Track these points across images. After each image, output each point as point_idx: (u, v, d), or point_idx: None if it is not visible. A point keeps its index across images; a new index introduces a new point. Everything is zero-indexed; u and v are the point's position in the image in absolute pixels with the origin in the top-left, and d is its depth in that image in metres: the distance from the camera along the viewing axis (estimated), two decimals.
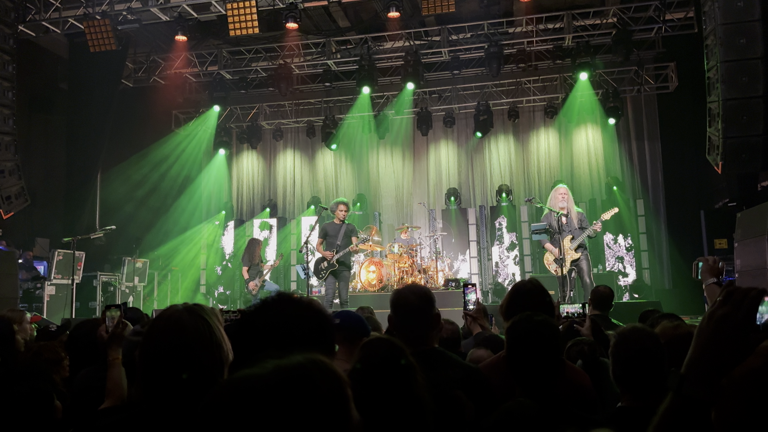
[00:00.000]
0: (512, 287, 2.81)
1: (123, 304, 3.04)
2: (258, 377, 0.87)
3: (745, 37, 6.66)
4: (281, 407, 0.84)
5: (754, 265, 7.00)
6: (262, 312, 1.33)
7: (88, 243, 9.89)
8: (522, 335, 2.11)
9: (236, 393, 0.86)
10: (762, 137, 6.64)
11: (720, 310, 1.14)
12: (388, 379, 1.75)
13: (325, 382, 0.89)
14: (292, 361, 0.89)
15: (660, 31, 11.04)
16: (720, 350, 1.12)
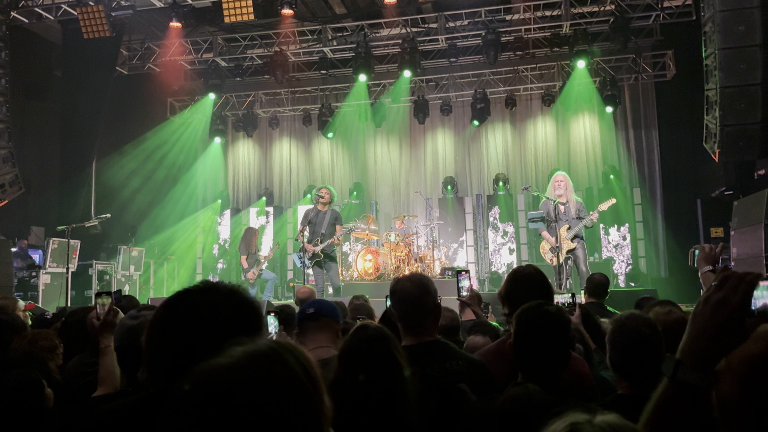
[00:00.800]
0: (511, 272, 2.78)
1: (117, 291, 3.02)
2: (229, 365, 0.85)
3: (744, 24, 6.62)
4: (256, 391, 0.83)
5: (750, 253, 7.01)
6: (183, 299, 1.29)
7: (84, 231, 9.85)
8: (534, 324, 2.07)
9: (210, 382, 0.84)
10: (760, 125, 6.62)
11: (716, 295, 1.13)
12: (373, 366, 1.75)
13: (297, 363, 0.88)
14: (261, 346, 0.88)
15: (658, 19, 10.97)
16: (715, 335, 1.11)
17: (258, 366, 0.85)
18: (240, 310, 1.26)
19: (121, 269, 11.01)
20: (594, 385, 2.35)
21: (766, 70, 6.55)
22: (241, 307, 1.26)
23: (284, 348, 0.90)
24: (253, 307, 1.28)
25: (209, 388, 0.83)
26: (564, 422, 0.82)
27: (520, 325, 2.05)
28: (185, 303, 1.27)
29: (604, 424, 0.81)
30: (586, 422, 0.81)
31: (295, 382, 0.87)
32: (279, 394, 0.84)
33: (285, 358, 0.88)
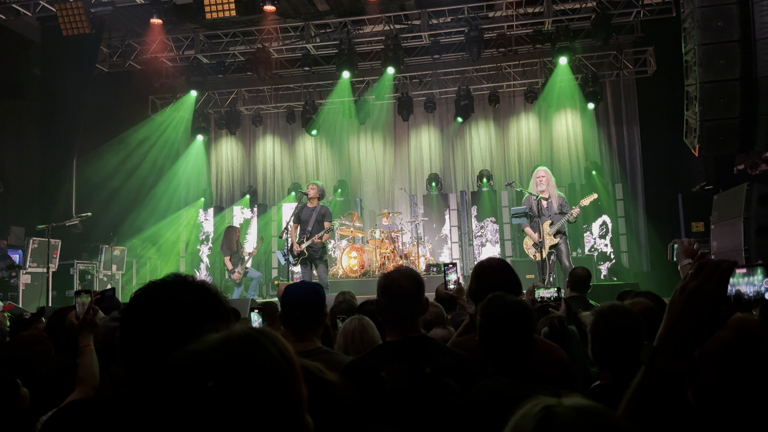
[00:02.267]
0: (475, 267, 2.77)
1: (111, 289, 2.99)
2: (206, 349, 0.85)
3: (723, 20, 6.68)
4: (235, 374, 0.83)
5: (730, 246, 7.11)
6: (149, 293, 1.28)
7: (65, 231, 9.72)
8: (495, 315, 2.10)
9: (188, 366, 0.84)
10: (738, 120, 6.69)
11: (692, 283, 1.14)
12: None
13: (274, 347, 0.88)
14: (237, 331, 0.88)
15: (639, 16, 11.09)
16: (692, 323, 1.13)
17: (235, 350, 0.86)
18: (206, 302, 1.25)
19: (102, 269, 10.89)
20: (572, 372, 2.37)
21: (744, 66, 6.62)
22: (208, 299, 1.26)
23: (260, 333, 0.91)
24: (219, 300, 1.27)
25: (187, 372, 0.83)
26: (537, 405, 0.83)
27: (485, 318, 2.07)
28: (152, 297, 1.26)
29: (574, 406, 0.82)
30: (558, 404, 0.82)
31: (272, 365, 0.87)
32: (257, 376, 0.84)
33: (262, 342, 0.89)
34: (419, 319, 2.36)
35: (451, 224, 12.38)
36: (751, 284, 1.19)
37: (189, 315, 1.19)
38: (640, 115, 12.32)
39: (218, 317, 1.22)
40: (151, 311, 1.23)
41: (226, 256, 10.52)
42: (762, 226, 6.69)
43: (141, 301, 1.25)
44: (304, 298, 2.56)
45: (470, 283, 2.71)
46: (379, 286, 2.42)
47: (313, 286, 2.71)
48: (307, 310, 2.51)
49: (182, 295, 1.23)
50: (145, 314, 1.23)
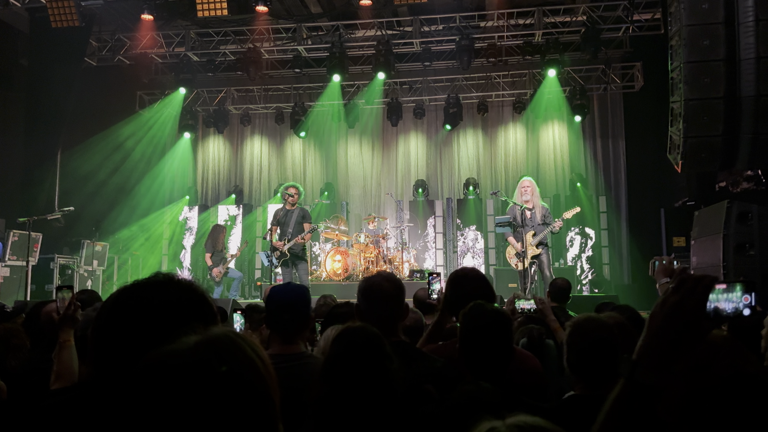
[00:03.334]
0: (451, 275, 2.79)
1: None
2: (184, 350, 0.85)
3: (709, 39, 6.80)
4: (212, 375, 0.83)
5: (709, 262, 7.21)
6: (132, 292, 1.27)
7: (46, 224, 9.60)
8: (476, 324, 2.12)
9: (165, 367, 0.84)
10: (721, 138, 6.80)
11: (673, 297, 1.16)
12: (366, 367, 1.72)
13: (252, 351, 0.88)
14: (216, 332, 0.88)
15: (628, 31, 11.22)
16: (672, 337, 1.14)
17: (213, 351, 0.86)
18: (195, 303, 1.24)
19: (84, 264, 10.77)
20: (545, 380, 2.40)
21: (728, 85, 6.74)
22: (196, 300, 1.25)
23: (238, 336, 0.91)
24: (207, 301, 1.26)
25: (164, 372, 0.83)
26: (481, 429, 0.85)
27: (465, 326, 2.09)
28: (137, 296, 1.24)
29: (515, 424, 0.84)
30: (501, 425, 0.84)
31: (250, 368, 0.87)
32: (235, 378, 0.84)
33: (240, 344, 0.89)
34: (399, 324, 2.36)
35: (436, 231, 12.42)
36: (729, 300, 1.21)
37: (176, 316, 1.18)
38: (625, 130, 12.47)
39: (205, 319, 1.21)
40: (136, 311, 1.20)
41: (208, 253, 10.45)
42: (741, 243, 6.80)
43: (125, 299, 1.24)
44: (291, 301, 2.48)
45: (445, 291, 2.73)
46: (359, 289, 2.42)
47: (299, 288, 2.63)
48: (294, 312, 2.43)
49: (169, 295, 1.22)
50: (129, 314, 1.21)
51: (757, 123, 6.63)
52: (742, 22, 6.71)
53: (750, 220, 6.87)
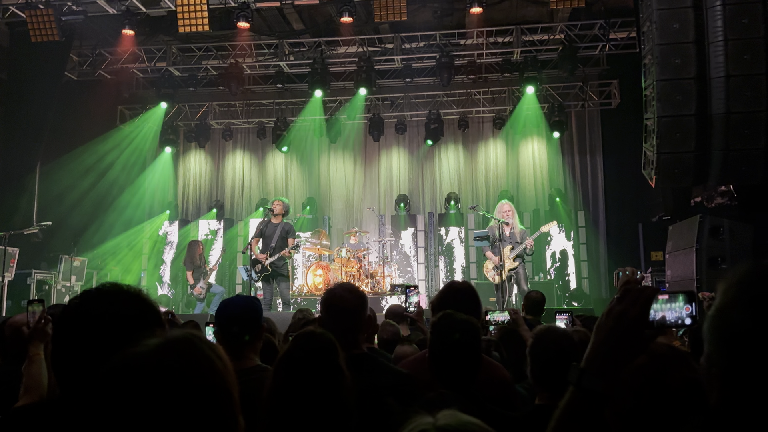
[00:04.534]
0: (446, 285, 2.85)
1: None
2: (146, 352, 0.88)
3: (680, 58, 6.97)
4: (174, 375, 0.87)
5: (683, 275, 7.34)
6: (84, 302, 1.30)
7: (24, 239, 9.50)
8: (444, 332, 2.15)
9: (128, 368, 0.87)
10: (693, 153, 6.95)
11: (617, 307, 1.21)
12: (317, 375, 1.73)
13: (211, 351, 0.92)
14: (175, 335, 0.92)
15: (604, 49, 11.47)
16: (617, 345, 1.19)
17: (174, 352, 0.89)
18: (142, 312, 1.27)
19: (61, 279, 10.63)
20: (515, 391, 2.43)
21: (699, 102, 6.91)
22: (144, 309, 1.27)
23: (197, 337, 0.94)
24: (154, 309, 1.29)
25: (127, 374, 0.86)
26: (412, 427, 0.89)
27: (434, 335, 2.12)
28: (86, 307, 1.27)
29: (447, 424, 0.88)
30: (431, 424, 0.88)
31: (210, 367, 0.91)
32: (196, 378, 0.87)
33: (199, 346, 0.92)
34: (361, 336, 2.36)
35: (418, 245, 12.48)
36: (672, 310, 1.26)
37: (124, 325, 1.21)
38: (603, 146, 12.66)
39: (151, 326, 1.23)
40: (85, 322, 1.23)
41: (189, 271, 10.40)
42: (713, 257, 6.94)
43: (75, 311, 1.26)
44: (240, 313, 2.40)
45: (435, 297, 2.77)
46: (321, 301, 2.41)
47: (249, 300, 2.56)
48: (243, 325, 2.35)
49: (117, 306, 1.24)
50: (79, 325, 1.23)
51: (728, 139, 6.80)
52: (711, 41, 6.90)
53: (722, 234, 7.02)
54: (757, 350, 0.95)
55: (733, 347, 0.98)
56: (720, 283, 1.06)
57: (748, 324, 0.96)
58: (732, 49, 6.75)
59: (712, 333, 1.02)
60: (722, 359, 0.99)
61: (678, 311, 1.25)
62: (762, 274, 1.00)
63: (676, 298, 1.25)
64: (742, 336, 0.96)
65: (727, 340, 0.99)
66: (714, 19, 6.82)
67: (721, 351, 1.00)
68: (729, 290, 1.02)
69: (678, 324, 1.26)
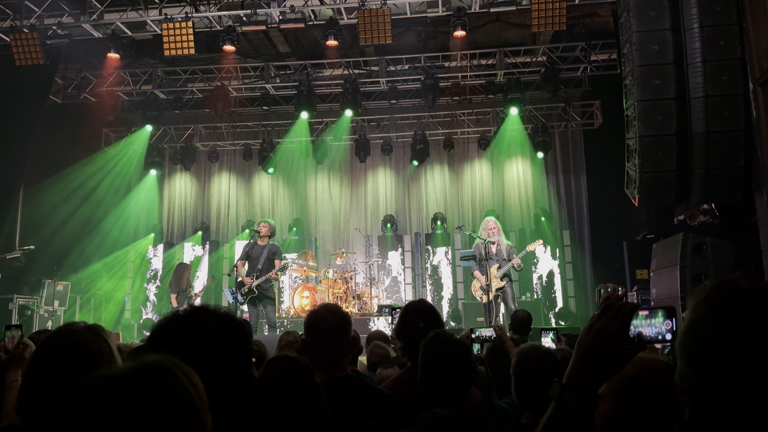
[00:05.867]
0: (404, 307, 2.85)
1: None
2: (116, 375, 0.87)
3: (660, 79, 7.10)
4: (144, 400, 0.85)
5: (667, 293, 7.39)
6: (173, 323, 1.30)
7: (5, 263, 9.37)
8: (438, 353, 2.14)
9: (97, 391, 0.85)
10: (675, 172, 7.04)
11: (597, 324, 1.22)
12: (292, 399, 1.72)
13: (185, 377, 0.90)
14: (149, 359, 0.91)
15: (586, 71, 11.66)
16: (597, 361, 1.19)
17: (146, 376, 0.87)
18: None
19: (44, 304, 10.47)
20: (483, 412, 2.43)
21: (680, 122, 7.02)
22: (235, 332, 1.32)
23: (173, 363, 0.93)
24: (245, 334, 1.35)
25: (95, 398, 0.84)
26: None
27: (427, 355, 2.11)
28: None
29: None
30: None
31: (182, 394, 0.89)
32: (165, 405, 0.86)
33: (173, 371, 0.91)
34: (345, 358, 2.35)
35: (405, 266, 12.47)
36: (652, 326, 1.27)
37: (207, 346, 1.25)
38: (586, 165, 12.80)
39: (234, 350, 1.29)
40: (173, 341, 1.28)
41: (173, 294, 10.29)
42: (697, 274, 7.00)
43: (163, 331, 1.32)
44: None
45: (397, 322, 2.77)
46: (304, 323, 2.39)
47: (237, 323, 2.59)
48: None
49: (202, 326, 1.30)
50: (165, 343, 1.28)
51: (708, 158, 6.90)
52: (690, 62, 7.04)
53: (705, 251, 7.10)
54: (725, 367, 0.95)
55: (702, 364, 0.99)
56: (689, 299, 1.08)
57: (716, 341, 0.97)
58: (710, 70, 6.89)
59: (683, 349, 1.03)
60: (693, 375, 1.00)
61: (658, 327, 1.26)
62: (728, 291, 1.01)
63: (656, 314, 1.26)
64: (711, 352, 0.97)
65: (697, 356, 1.00)
66: (692, 41, 6.97)
67: (692, 367, 1.01)
68: (697, 307, 1.03)
69: (658, 340, 1.27)
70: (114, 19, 9.61)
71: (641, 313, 1.25)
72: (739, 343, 0.96)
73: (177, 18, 9.12)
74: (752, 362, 0.97)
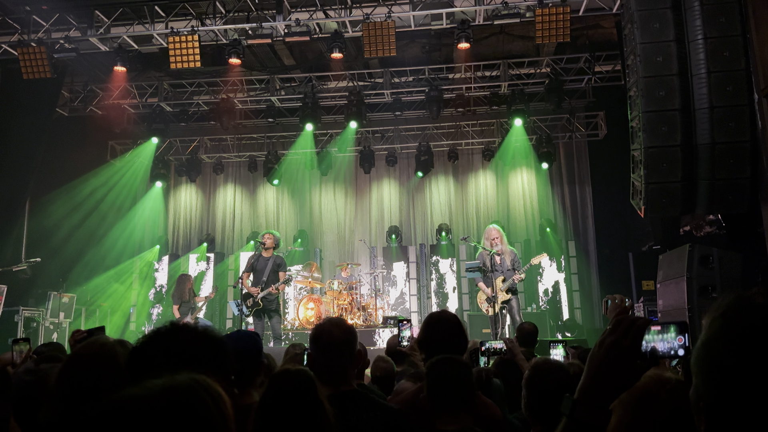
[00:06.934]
0: (427, 318, 2.82)
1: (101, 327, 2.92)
2: (143, 395, 0.86)
3: (664, 90, 7.11)
4: (168, 426, 0.84)
5: (674, 305, 7.34)
6: (154, 340, 1.32)
7: (12, 275, 9.40)
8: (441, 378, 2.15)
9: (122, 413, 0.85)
10: (680, 183, 7.03)
11: (609, 338, 1.21)
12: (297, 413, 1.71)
13: (211, 400, 0.90)
14: (178, 379, 0.90)
15: (590, 82, 11.69)
16: (609, 376, 1.19)
17: (173, 398, 0.87)
18: None
19: (49, 316, 10.48)
20: (504, 428, 2.42)
21: (684, 133, 7.02)
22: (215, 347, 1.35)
23: (200, 384, 0.92)
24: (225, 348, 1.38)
25: (123, 415, 0.84)
26: None
27: (430, 379, 2.12)
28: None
29: None
30: None
31: (208, 417, 0.88)
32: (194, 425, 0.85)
33: (200, 393, 0.90)
34: (351, 372, 2.34)
35: (410, 277, 12.45)
36: (665, 341, 1.26)
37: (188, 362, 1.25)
38: (591, 176, 12.79)
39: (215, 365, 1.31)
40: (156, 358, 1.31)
41: (175, 305, 10.29)
42: (704, 285, 6.96)
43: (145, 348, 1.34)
44: (240, 348, 2.32)
45: (420, 332, 2.76)
46: (310, 337, 2.38)
47: (249, 335, 2.54)
48: (244, 361, 2.30)
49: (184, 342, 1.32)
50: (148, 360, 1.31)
51: (714, 169, 6.89)
52: (695, 73, 7.05)
53: (711, 263, 7.06)
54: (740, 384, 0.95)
55: (718, 381, 0.98)
56: (706, 316, 1.07)
57: (732, 358, 0.96)
58: (715, 81, 6.89)
59: (698, 366, 1.03)
60: (708, 393, 1.00)
61: (670, 342, 1.25)
62: (745, 307, 1.00)
63: (668, 329, 1.25)
64: (727, 370, 0.97)
65: (712, 373, 0.99)
66: (696, 52, 6.98)
67: (707, 384, 1.00)
68: (713, 323, 1.02)
69: (671, 355, 1.26)
70: (120, 33, 9.69)
71: (653, 328, 1.25)
72: (755, 361, 0.95)
73: (183, 31, 9.20)
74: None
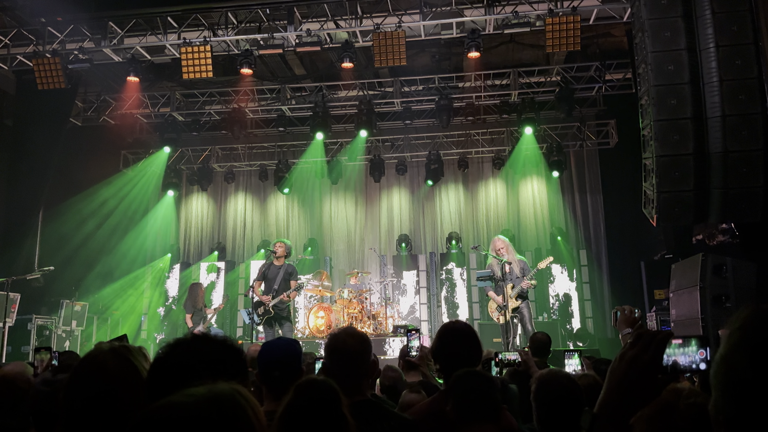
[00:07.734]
0: (441, 328, 2.81)
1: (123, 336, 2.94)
2: (188, 402, 0.88)
3: (676, 98, 7.08)
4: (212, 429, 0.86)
5: (687, 314, 7.28)
6: (175, 350, 1.34)
7: (25, 284, 9.48)
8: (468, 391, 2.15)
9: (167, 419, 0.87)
10: (693, 192, 6.99)
11: (630, 352, 1.21)
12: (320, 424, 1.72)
13: (251, 409, 0.92)
14: (221, 388, 0.92)
15: (601, 90, 11.66)
16: (629, 390, 1.19)
17: (217, 405, 0.89)
18: None
19: (62, 324, 10.56)
20: None
21: (697, 142, 6.99)
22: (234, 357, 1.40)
23: (240, 393, 0.95)
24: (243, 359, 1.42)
25: (165, 424, 0.86)
26: None
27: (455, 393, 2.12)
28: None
29: None
30: None
31: (250, 425, 0.91)
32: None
33: (242, 404, 0.93)
34: (365, 382, 2.35)
35: (420, 285, 12.43)
36: (686, 355, 1.26)
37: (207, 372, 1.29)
38: (602, 185, 12.73)
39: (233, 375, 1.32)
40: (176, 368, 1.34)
41: (188, 314, 10.34)
42: (717, 295, 6.90)
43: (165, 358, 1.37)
44: (280, 357, 2.41)
45: (434, 342, 2.75)
46: (325, 347, 2.40)
47: (290, 343, 2.57)
48: (284, 369, 2.35)
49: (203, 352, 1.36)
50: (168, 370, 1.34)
51: (726, 178, 6.85)
52: (706, 82, 7.02)
53: (725, 272, 7.00)
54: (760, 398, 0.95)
55: (737, 395, 0.98)
56: (724, 328, 1.07)
57: (752, 372, 0.96)
58: (727, 90, 6.86)
59: (717, 379, 1.02)
60: (727, 407, 0.99)
61: (692, 356, 1.24)
62: (763, 320, 1.00)
63: (690, 342, 1.24)
64: (747, 384, 0.96)
65: (731, 387, 0.99)
66: (708, 61, 6.96)
67: (726, 398, 1.00)
68: (732, 336, 1.02)
69: (692, 369, 1.25)
70: (133, 44, 9.80)
71: (674, 342, 1.24)
72: None
73: (195, 42, 9.29)
74: None
